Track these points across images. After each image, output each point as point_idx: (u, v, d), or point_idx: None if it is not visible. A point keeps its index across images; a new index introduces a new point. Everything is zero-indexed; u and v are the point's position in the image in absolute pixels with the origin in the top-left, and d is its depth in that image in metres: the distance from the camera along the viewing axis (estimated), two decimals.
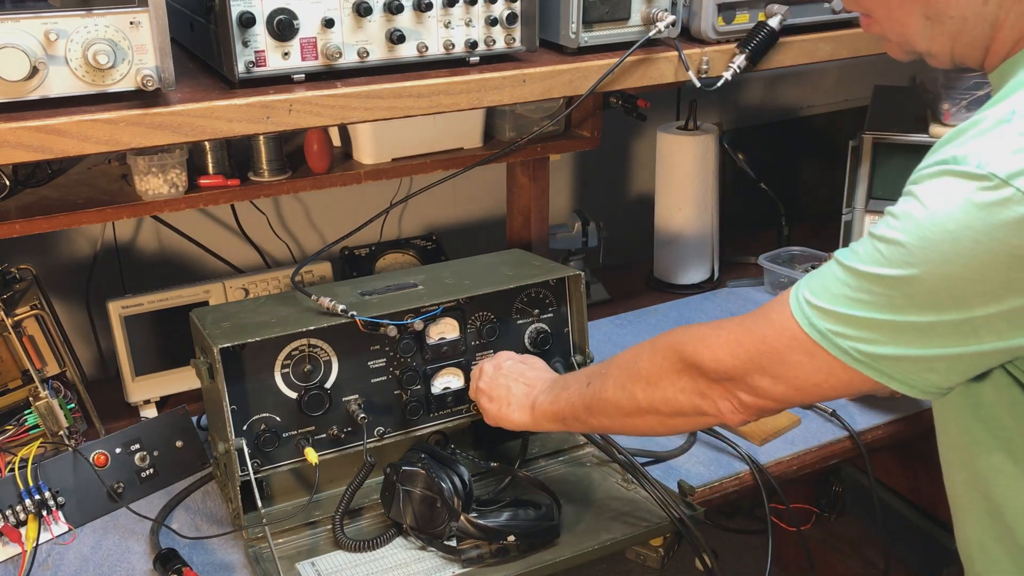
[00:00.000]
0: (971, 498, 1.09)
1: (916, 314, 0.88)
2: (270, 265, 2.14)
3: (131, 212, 1.59)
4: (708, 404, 1.08)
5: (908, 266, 0.87)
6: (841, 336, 0.93)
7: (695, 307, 2.12)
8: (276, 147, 1.68)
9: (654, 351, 1.14)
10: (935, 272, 0.85)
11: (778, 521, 1.70)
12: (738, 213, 2.48)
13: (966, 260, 0.84)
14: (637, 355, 1.17)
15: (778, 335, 0.98)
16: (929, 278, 0.86)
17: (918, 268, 0.86)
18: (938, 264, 0.85)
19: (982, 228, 0.82)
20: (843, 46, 1.64)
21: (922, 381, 0.92)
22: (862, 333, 0.91)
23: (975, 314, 0.86)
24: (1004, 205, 0.81)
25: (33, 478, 1.41)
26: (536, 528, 1.34)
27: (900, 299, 0.88)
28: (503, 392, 1.36)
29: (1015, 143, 0.83)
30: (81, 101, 1.14)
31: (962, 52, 1.01)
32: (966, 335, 0.87)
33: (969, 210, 0.83)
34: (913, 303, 0.88)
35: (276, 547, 1.35)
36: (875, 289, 0.90)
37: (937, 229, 0.85)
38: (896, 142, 2.06)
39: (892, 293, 0.89)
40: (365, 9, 1.26)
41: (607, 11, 1.43)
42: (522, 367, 1.40)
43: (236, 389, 1.37)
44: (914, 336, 0.89)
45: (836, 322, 0.93)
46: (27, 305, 1.58)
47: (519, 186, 2.04)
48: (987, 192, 0.82)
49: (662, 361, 1.12)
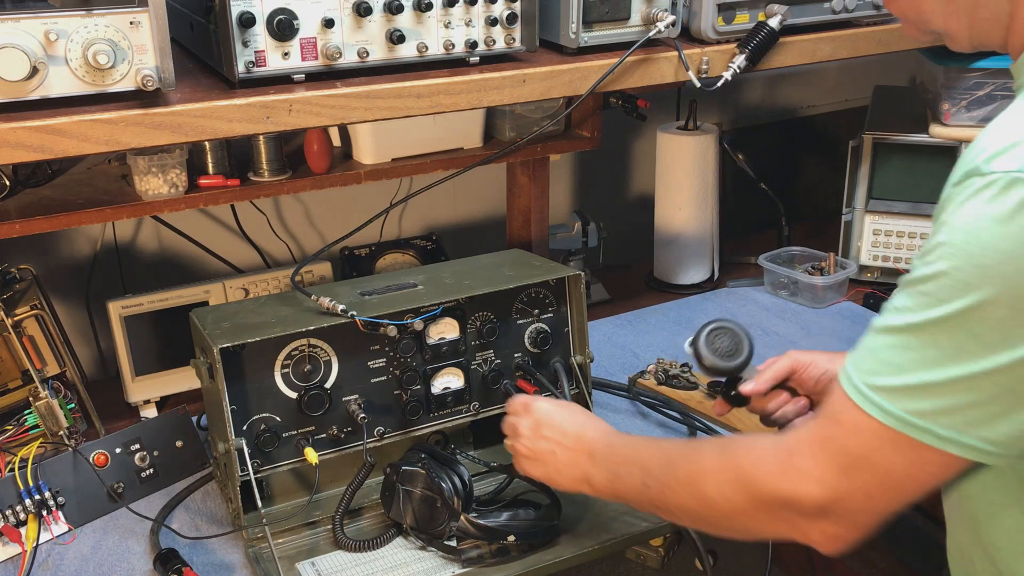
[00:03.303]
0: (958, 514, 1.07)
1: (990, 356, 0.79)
2: (270, 265, 2.14)
3: (131, 212, 1.59)
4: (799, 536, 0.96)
5: (966, 296, 0.78)
6: (919, 414, 0.83)
7: (695, 307, 2.12)
8: (276, 147, 1.68)
9: (722, 481, 0.99)
10: (1000, 297, 0.77)
11: None
12: (738, 213, 2.48)
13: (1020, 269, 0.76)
14: (702, 478, 1.02)
15: (856, 439, 0.87)
16: (994, 304, 0.78)
17: (978, 295, 0.78)
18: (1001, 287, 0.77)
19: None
20: (843, 46, 1.64)
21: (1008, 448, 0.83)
22: (940, 403, 0.82)
23: None
24: None
25: (33, 478, 1.41)
26: (536, 528, 1.34)
27: (968, 341, 0.79)
28: (548, 457, 1.25)
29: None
30: (81, 101, 1.14)
31: (981, 31, 0.96)
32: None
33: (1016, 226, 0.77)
34: (983, 342, 0.79)
35: (276, 547, 1.35)
36: (940, 339, 0.80)
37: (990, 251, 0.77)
38: (896, 142, 2.06)
39: (958, 336, 0.80)
40: (365, 9, 1.26)
41: (607, 11, 1.43)
42: (561, 424, 1.26)
43: (236, 389, 1.37)
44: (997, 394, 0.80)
45: (909, 398, 0.83)
46: (27, 305, 1.59)
47: (519, 186, 2.04)
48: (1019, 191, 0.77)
49: (736, 497, 0.98)
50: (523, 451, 1.28)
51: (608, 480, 1.18)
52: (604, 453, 1.20)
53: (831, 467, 0.90)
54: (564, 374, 1.56)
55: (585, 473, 1.21)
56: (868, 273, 2.15)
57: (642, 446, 1.18)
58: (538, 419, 1.28)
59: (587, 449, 1.22)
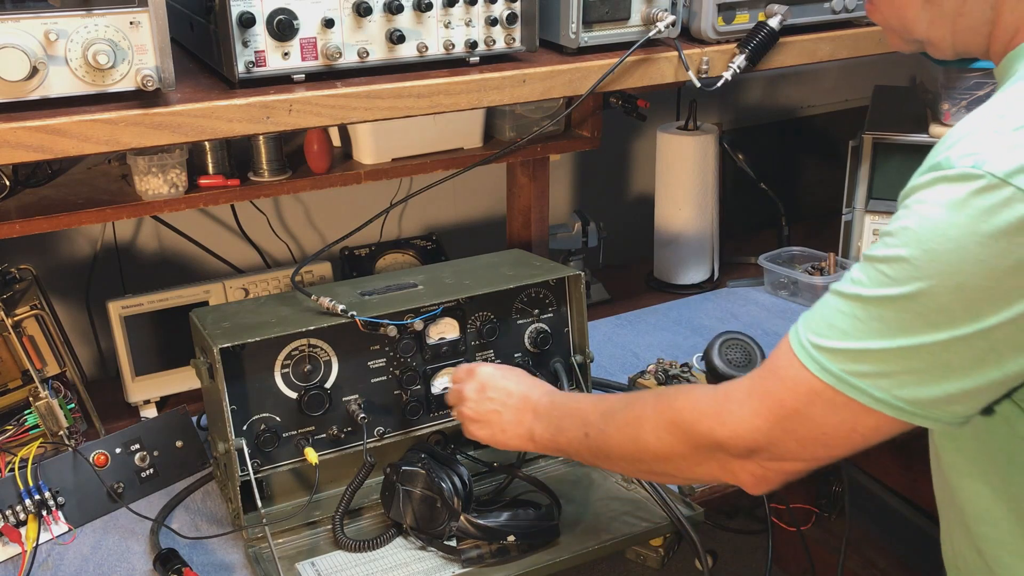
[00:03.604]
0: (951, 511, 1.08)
1: (931, 333, 0.83)
2: (270, 265, 2.14)
3: (131, 212, 1.59)
4: (728, 476, 1.01)
5: (916, 281, 0.82)
6: (856, 375, 0.87)
7: (695, 307, 2.12)
8: (276, 147, 1.68)
9: (659, 425, 1.05)
10: (945, 283, 0.81)
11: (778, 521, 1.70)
12: (738, 213, 2.48)
13: (974, 266, 0.80)
14: (640, 423, 1.08)
15: (793, 393, 0.91)
16: (939, 290, 0.81)
17: (927, 281, 0.82)
18: (947, 274, 0.81)
19: (986, 231, 0.79)
20: (843, 46, 1.63)
21: (947, 414, 0.87)
22: (878, 367, 0.86)
23: (989, 323, 0.81)
24: (1006, 205, 0.78)
25: (33, 478, 1.41)
26: (536, 528, 1.34)
27: (912, 319, 0.83)
28: (493, 417, 1.29)
29: (1009, 140, 0.80)
30: (81, 101, 1.14)
31: (963, 38, 0.98)
32: (984, 355, 0.83)
33: (970, 214, 0.80)
34: (926, 321, 0.83)
35: (276, 547, 1.35)
36: (885, 314, 0.85)
37: (940, 238, 0.81)
38: (896, 142, 2.06)
39: (903, 315, 0.84)
40: (365, 9, 1.26)
41: (607, 11, 1.43)
42: (506, 385, 1.30)
43: (236, 389, 1.37)
44: (930, 361, 0.84)
45: (849, 360, 0.87)
46: (27, 305, 1.59)
47: (519, 186, 2.04)
48: (986, 193, 0.79)
49: (671, 439, 1.03)
50: (469, 414, 1.31)
51: (551, 434, 1.22)
52: (547, 408, 1.25)
53: (766, 416, 0.94)
54: (564, 374, 1.57)
55: (529, 429, 1.25)
56: None
57: (584, 399, 1.24)
58: (483, 382, 1.31)
59: (531, 407, 1.26)
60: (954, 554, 1.10)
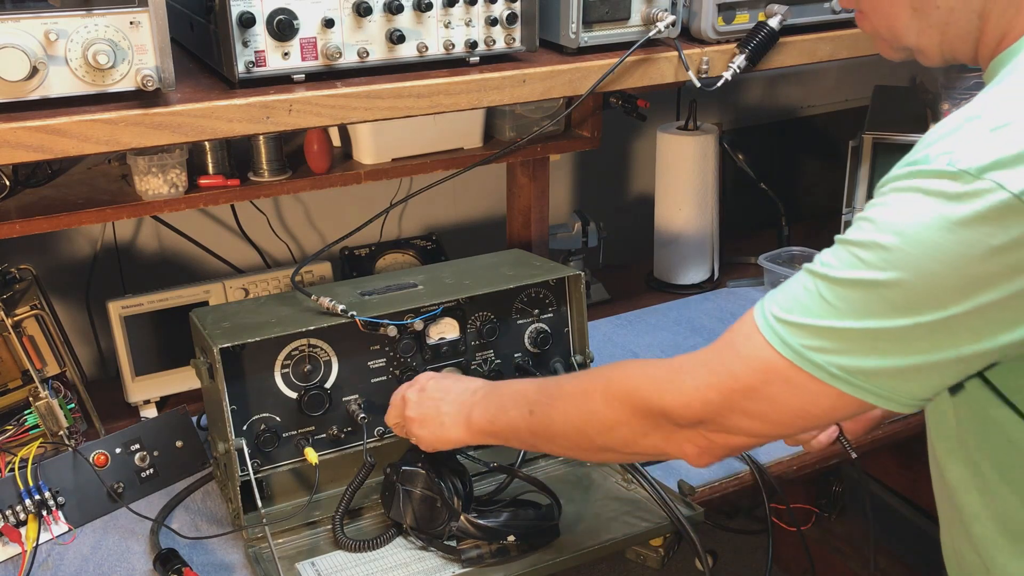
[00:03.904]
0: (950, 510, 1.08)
1: (893, 318, 0.85)
2: (270, 265, 2.14)
3: (131, 212, 1.59)
4: (673, 448, 1.02)
5: (891, 269, 0.84)
6: (816, 351, 0.88)
7: (695, 307, 2.12)
8: (276, 147, 1.68)
9: (608, 394, 1.05)
10: (918, 274, 0.83)
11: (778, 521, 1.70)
12: (738, 213, 2.48)
13: (946, 259, 0.81)
14: (587, 394, 1.08)
15: (749, 367, 0.92)
16: (912, 280, 0.83)
17: (901, 271, 0.83)
18: (919, 266, 0.82)
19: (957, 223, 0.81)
20: (843, 46, 1.63)
21: (902, 394, 0.89)
22: (838, 344, 0.87)
23: (951, 313, 0.83)
24: (979, 197, 0.80)
25: (33, 478, 1.41)
26: (536, 528, 1.34)
27: (878, 304, 0.85)
28: (432, 413, 1.28)
29: (984, 138, 0.82)
30: (81, 101, 1.14)
31: (952, 46, 0.99)
32: (942, 339, 0.85)
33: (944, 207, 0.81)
34: (892, 307, 0.85)
35: (276, 547, 1.35)
36: (850, 295, 0.86)
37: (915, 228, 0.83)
38: (896, 142, 2.06)
39: (870, 298, 0.85)
40: (365, 9, 1.26)
41: (607, 11, 1.43)
42: (446, 383, 1.31)
43: (236, 389, 1.37)
44: (890, 344, 0.86)
45: (810, 336, 0.88)
46: (27, 305, 1.58)
47: (519, 186, 2.04)
48: (961, 188, 0.81)
49: (619, 405, 1.04)
50: (411, 415, 1.31)
51: (491, 415, 1.21)
52: (488, 392, 1.25)
53: (718, 388, 0.94)
54: None
55: (467, 416, 1.25)
56: None
57: (528, 381, 1.23)
58: (423, 385, 1.32)
59: (471, 395, 1.26)
60: (954, 552, 1.10)
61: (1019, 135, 0.80)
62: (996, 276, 0.81)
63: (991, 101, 0.86)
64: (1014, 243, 0.79)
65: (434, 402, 1.29)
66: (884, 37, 1.06)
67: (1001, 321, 0.83)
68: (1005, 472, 0.97)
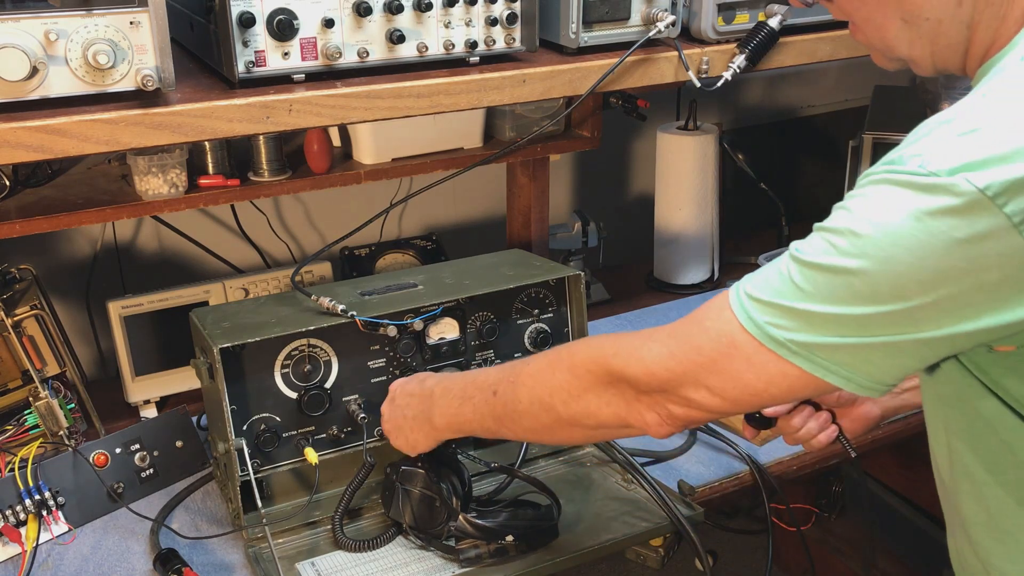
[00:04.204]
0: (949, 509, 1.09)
1: (857, 305, 0.87)
2: (270, 265, 2.14)
3: (131, 212, 1.59)
4: (634, 416, 1.04)
5: (859, 258, 0.86)
6: (778, 327, 0.90)
7: (695, 307, 2.10)
8: (276, 147, 1.68)
9: (574, 363, 1.07)
10: (884, 267, 0.85)
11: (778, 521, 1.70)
12: (738, 213, 2.48)
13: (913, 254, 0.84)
14: (553, 366, 1.10)
15: (714, 343, 0.95)
16: (877, 273, 0.85)
17: (868, 262, 0.85)
18: (887, 260, 0.85)
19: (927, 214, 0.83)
20: (843, 46, 1.63)
21: (861, 374, 0.90)
22: (799, 323, 0.90)
23: (912, 304, 0.85)
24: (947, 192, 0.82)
25: (33, 478, 1.41)
26: (535, 528, 1.34)
27: (843, 291, 0.87)
28: (401, 420, 1.32)
29: (953, 142, 0.84)
30: (81, 101, 1.14)
31: (942, 57, 1.01)
32: (904, 325, 0.87)
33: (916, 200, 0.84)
34: (856, 296, 0.87)
35: (276, 547, 1.35)
36: (818, 279, 0.88)
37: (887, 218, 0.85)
38: (896, 142, 2.04)
39: (835, 285, 0.87)
40: (365, 9, 1.26)
41: (607, 11, 1.43)
42: (410, 386, 1.34)
43: (236, 389, 1.37)
44: (852, 327, 0.88)
45: (774, 314, 0.91)
46: (27, 305, 1.58)
47: (519, 186, 2.04)
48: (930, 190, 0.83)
49: (585, 374, 1.06)
50: (387, 428, 1.35)
51: (454, 407, 1.23)
52: (446, 389, 1.26)
53: (680, 359, 0.97)
54: None
55: (429, 416, 1.27)
56: None
57: (488, 368, 1.26)
58: (392, 395, 1.36)
59: (428, 399, 1.28)
60: (957, 553, 1.10)
61: (986, 140, 0.82)
62: (958, 269, 0.83)
63: (963, 107, 0.88)
64: (977, 236, 0.81)
65: (401, 410, 1.33)
66: (877, 48, 1.08)
67: (963, 311, 0.85)
68: (998, 474, 0.98)
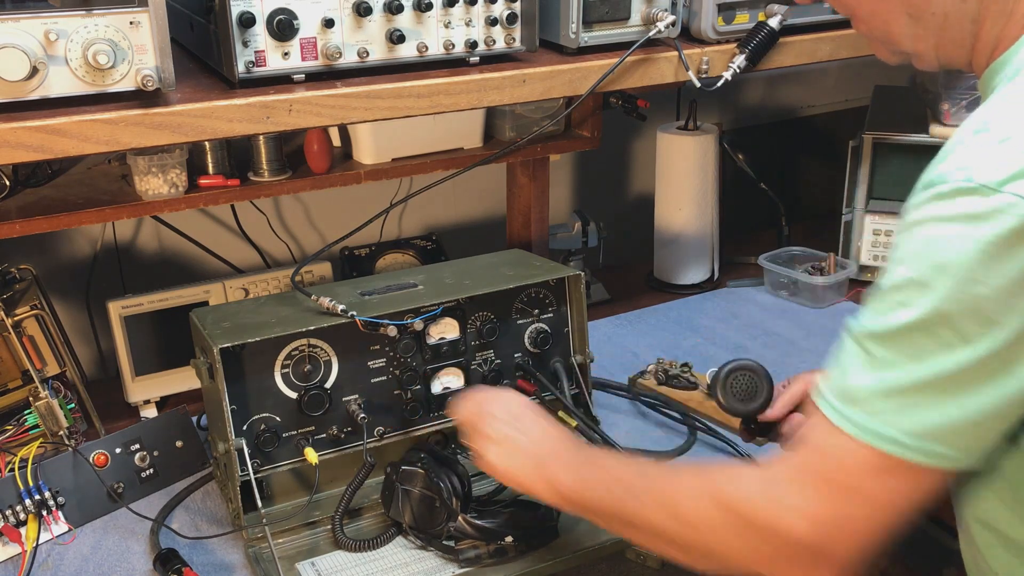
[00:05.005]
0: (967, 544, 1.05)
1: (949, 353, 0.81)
2: (270, 265, 2.14)
3: (131, 212, 1.60)
4: None
5: (928, 299, 0.81)
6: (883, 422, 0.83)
7: (695, 307, 2.12)
8: (276, 147, 1.68)
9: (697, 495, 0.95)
10: (956, 297, 0.80)
11: None
12: (738, 213, 2.48)
13: (979, 277, 0.79)
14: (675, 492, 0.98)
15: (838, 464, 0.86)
16: (952, 306, 0.80)
17: (938, 300, 0.81)
18: (956, 288, 0.80)
19: (987, 240, 0.79)
20: (843, 46, 1.63)
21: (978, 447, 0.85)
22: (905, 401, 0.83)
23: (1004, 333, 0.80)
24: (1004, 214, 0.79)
25: (33, 478, 1.41)
26: (534, 528, 1.34)
27: (930, 343, 0.81)
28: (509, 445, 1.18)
29: (996, 150, 0.81)
30: (81, 101, 1.14)
31: (947, 51, 1.00)
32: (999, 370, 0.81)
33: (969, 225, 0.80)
34: (942, 342, 0.81)
35: (276, 547, 1.35)
36: (902, 343, 0.83)
37: (944, 253, 0.80)
38: (896, 142, 2.06)
39: (920, 339, 0.82)
40: (365, 9, 1.26)
41: (607, 11, 1.43)
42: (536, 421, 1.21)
43: (236, 389, 1.37)
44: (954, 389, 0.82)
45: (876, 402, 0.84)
46: (27, 305, 1.58)
47: (519, 186, 2.04)
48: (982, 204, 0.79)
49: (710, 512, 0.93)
50: (491, 435, 1.19)
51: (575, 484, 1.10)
52: (574, 471, 1.11)
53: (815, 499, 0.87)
54: (564, 374, 1.57)
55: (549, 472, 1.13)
56: (868, 273, 2.15)
57: (612, 457, 1.14)
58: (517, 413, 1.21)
59: (551, 449, 1.16)
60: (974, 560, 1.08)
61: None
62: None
63: (995, 112, 0.86)
64: None
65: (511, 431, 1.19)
66: (881, 41, 1.07)
67: None
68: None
